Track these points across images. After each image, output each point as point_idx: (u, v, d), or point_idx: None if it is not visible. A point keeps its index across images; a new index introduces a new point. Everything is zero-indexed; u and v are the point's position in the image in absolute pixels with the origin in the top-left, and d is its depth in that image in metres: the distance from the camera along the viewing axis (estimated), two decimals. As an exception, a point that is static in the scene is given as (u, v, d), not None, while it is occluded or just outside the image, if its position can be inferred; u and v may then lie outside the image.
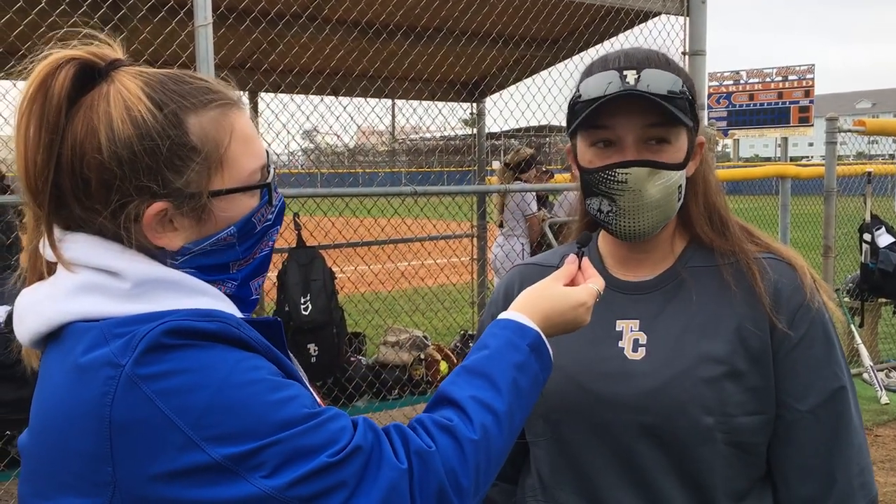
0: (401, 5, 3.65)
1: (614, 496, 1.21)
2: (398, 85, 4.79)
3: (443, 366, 4.66)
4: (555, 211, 6.77)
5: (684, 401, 1.17)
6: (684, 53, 3.92)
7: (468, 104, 5.64)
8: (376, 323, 5.45)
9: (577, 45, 4.60)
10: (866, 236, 5.68)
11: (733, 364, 1.19)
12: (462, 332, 5.34)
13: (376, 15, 3.84)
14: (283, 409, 0.84)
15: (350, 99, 4.98)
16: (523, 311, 1.06)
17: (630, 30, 4.31)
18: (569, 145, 1.27)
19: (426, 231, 5.58)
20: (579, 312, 1.09)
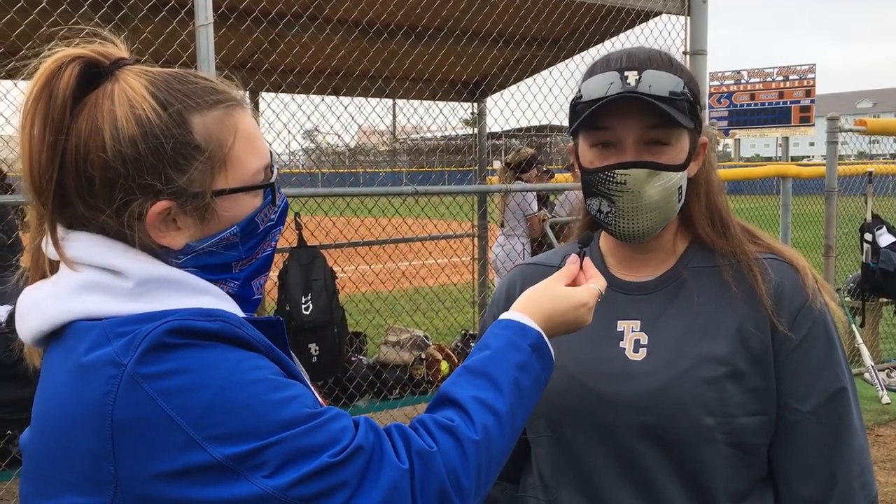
0: (401, 5, 3.65)
1: (615, 496, 1.21)
2: (399, 85, 4.79)
3: (443, 365, 4.66)
4: (555, 210, 6.78)
5: (685, 401, 1.17)
6: (685, 53, 3.92)
7: (469, 104, 5.63)
8: (377, 322, 5.45)
9: (577, 44, 4.60)
10: (867, 236, 5.68)
11: (734, 365, 1.19)
12: (463, 332, 5.33)
13: (377, 15, 3.84)
14: (285, 408, 0.84)
15: (351, 99, 4.98)
16: (525, 311, 1.06)
17: (631, 29, 4.30)
18: (571, 144, 1.27)
19: (427, 231, 5.58)
20: (581, 313, 1.09)
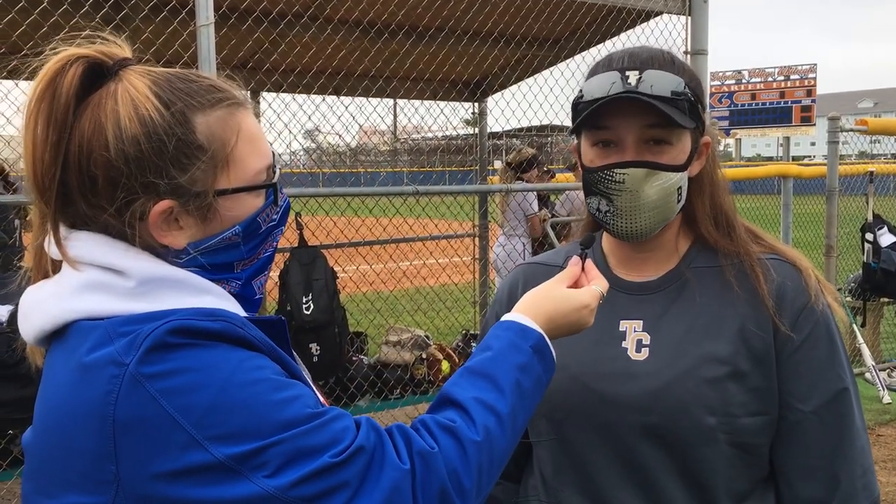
0: (402, 5, 3.65)
1: (617, 496, 1.21)
2: (400, 84, 4.79)
3: (444, 365, 4.66)
4: (556, 210, 6.78)
5: (687, 401, 1.17)
6: (686, 53, 3.91)
7: (470, 104, 5.63)
8: (378, 322, 5.45)
9: (578, 44, 4.60)
10: (868, 236, 5.68)
11: (736, 365, 1.18)
12: (464, 332, 5.33)
13: (378, 15, 3.84)
14: (287, 408, 0.84)
15: (352, 98, 4.97)
16: (526, 312, 1.06)
17: (631, 29, 4.30)
18: (575, 143, 1.27)
19: (428, 231, 5.59)
20: (583, 314, 1.09)
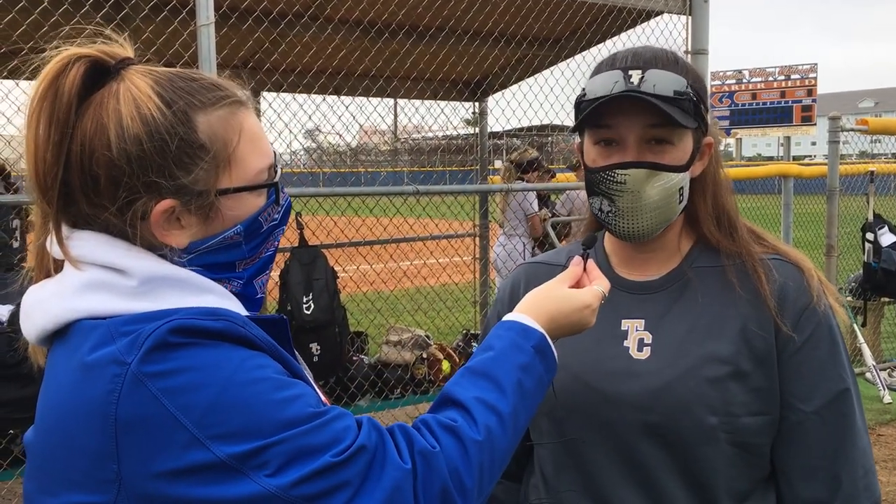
0: (402, 5, 3.65)
1: (618, 494, 1.21)
2: (400, 84, 4.79)
3: (445, 365, 4.66)
4: (557, 210, 6.78)
5: (689, 400, 1.17)
6: (686, 52, 3.91)
7: (470, 103, 5.63)
8: (378, 322, 5.45)
9: (579, 44, 4.60)
10: (869, 235, 5.68)
11: (738, 364, 1.18)
12: (464, 332, 5.33)
13: (378, 14, 3.84)
14: (288, 407, 0.84)
15: (352, 98, 4.97)
16: (528, 312, 1.06)
17: (632, 29, 4.30)
18: (578, 141, 1.27)
19: (428, 230, 5.59)
20: (584, 314, 1.09)
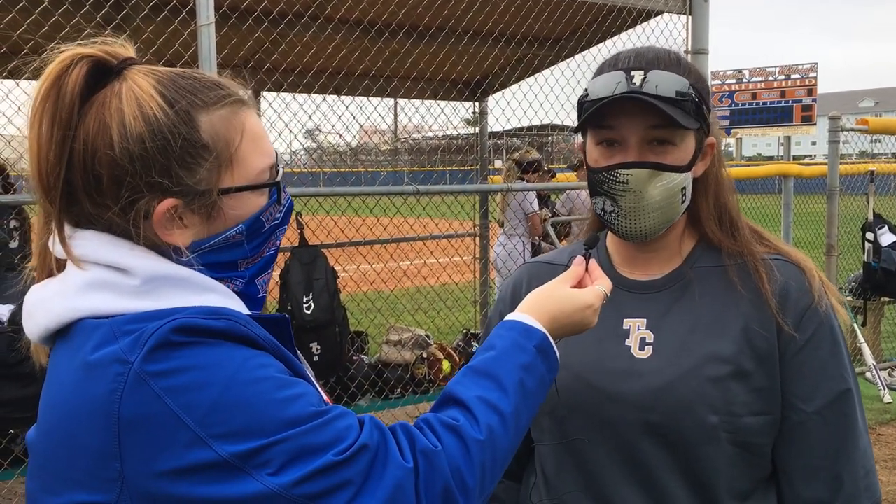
0: (403, 4, 3.65)
1: (619, 493, 1.22)
2: (400, 84, 4.79)
3: (445, 365, 4.66)
4: (557, 209, 6.79)
5: (690, 399, 1.17)
6: (686, 52, 3.91)
7: (470, 103, 5.63)
8: (379, 322, 5.45)
9: (579, 44, 4.60)
10: (869, 235, 5.68)
11: (739, 364, 1.19)
12: (464, 331, 5.33)
13: (378, 14, 3.84)
14: (290, 406, 0.84)
15: (352, 98, 4.97)
16: (530, 312, 1.06)
17: (632, 28, 4.30)
18: (581, 141, 1.27)
19: (428, 230, 5.59)
20: (586, 314, 1.09)
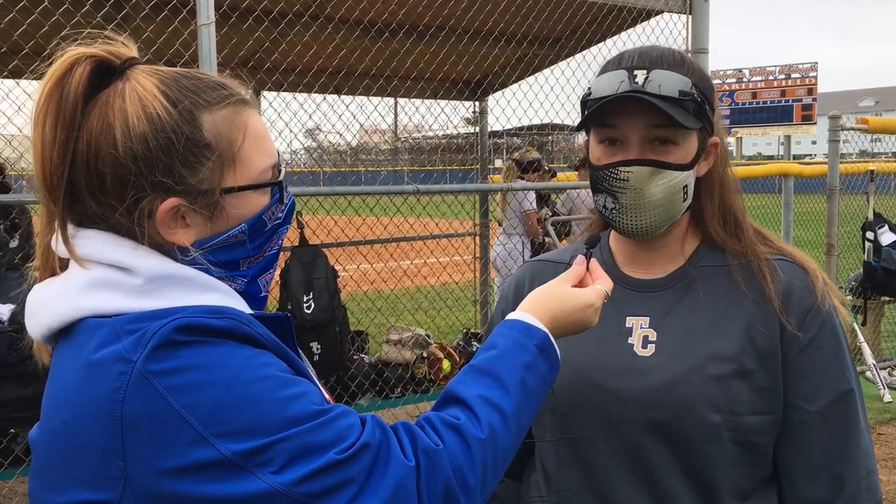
0: (403, 4, 3.65)
1: (620, 491, 1.22)
2: (400, 83, 4.79)
3: (445, 364, 4.66)
4: (557, 209, 6.79)
5: (692, 398, 1.17)
6: (687, 51, 3.91)
7: (470, 102, 5.64)
8: (379, 321, 5.44)
9: (579, 43, 4.60)
10: (869, 234, 5.68)
11: (742, 363, 1.19)
12: (465, 331, 5.33)
13: (378, 14, 3.84)
14: (293, 405, 0.84)
15: (352, 97, 4.97)
16: (531, 311, 1.07)
17: (632, 28, 4.30)
18: (586, 139, 1.27)
19: (429, 229, 5.59)
20: (587, 314, 1.09)
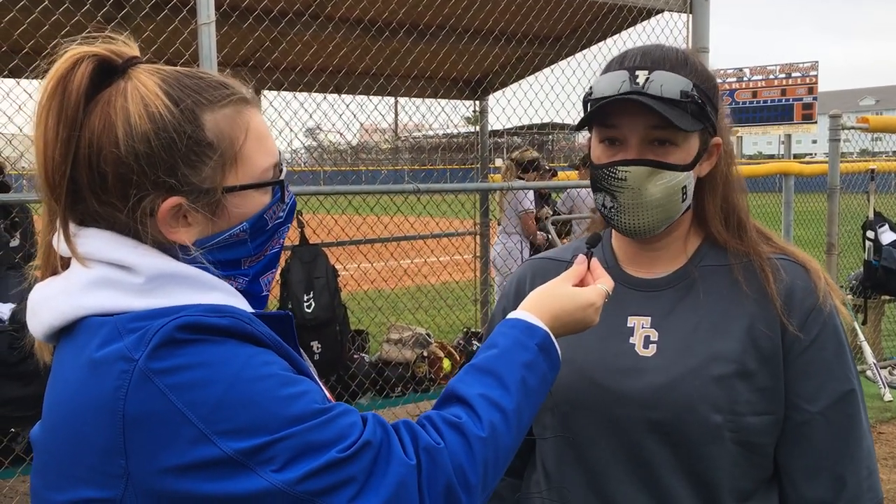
0: (403, 3, 3.65)
1: (621, 491, 1.22)
2: (401, 83, 4.79)
3: (445, 363, 4.66)
4: (558, 208, 6.79)
5: (694, 398, 1.17)
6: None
7: (471, 102, 5.64)
8: (379, 320, 5.44)
9: (579, 42, 4.60)
10: (870, 233, 5.69)
11: (744, 363, 1.19)
12: (465, 330, 5.34)
13: (379, 13, 3.84)
14: (294, 404, 0.84)
15: (353, 97, 4.97)
16: (532, 310, 1.07)
17: (633, 27, 4.30)
18: (589, 137, 1.27)
19: (429, 229, 5.59)
20: (588, 313, 1.09)
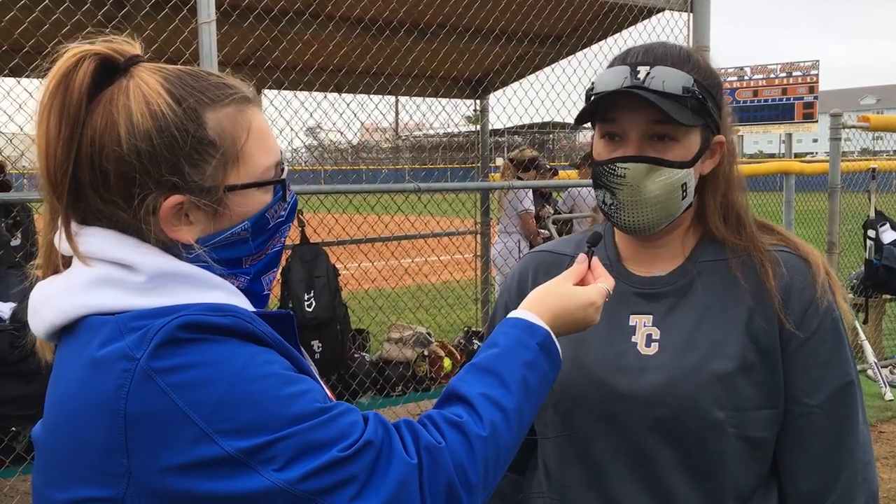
0: (404, 2, 3.65)
1: (623, 489, 1.22)
2: (401, 82, 4.78)
3: (446, 362, 4.67)
4: (559, 207, 6.79)
5: (696, 395, 1.18)
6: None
7: (471, 101, 5.63)
8: (380, 320, 5.45)
9: (580, 41, 4.60)
10: (870, 232, 5.69)
11: (745, 359, 1.19)
12: (466, 329, 5.34)
13: (379, 12, 3.84)
14: (296, 403, 0.84)
15: (353, 96, 4.98)
16: (533, 309, 1.07)
17: (633, 26, 4.30)
18: (593, 133, 1.27)
19: (430, 228, 5.59)
20: (589, 312, 1.09)
